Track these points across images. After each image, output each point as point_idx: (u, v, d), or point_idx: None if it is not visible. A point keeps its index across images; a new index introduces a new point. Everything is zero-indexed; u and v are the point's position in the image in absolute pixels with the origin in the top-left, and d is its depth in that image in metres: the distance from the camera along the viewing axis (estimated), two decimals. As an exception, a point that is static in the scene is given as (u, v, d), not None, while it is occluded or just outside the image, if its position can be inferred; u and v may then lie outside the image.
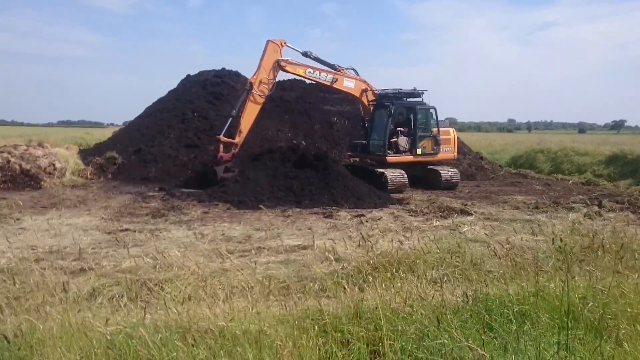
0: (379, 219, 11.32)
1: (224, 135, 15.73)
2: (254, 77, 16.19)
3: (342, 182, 14.02)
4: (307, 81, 23.69)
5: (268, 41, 16.24)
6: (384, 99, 17.59)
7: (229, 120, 16.20)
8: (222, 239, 9.17)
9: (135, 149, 20.95)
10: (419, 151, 17.12)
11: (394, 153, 16.99)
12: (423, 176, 17.53)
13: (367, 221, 10.99)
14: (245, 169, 15.22)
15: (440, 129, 17.29)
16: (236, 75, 26.79)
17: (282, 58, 16.33)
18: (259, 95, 16.21)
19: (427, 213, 12.14)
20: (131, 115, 31.20)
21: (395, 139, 17.04)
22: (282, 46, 16.45)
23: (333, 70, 17.23)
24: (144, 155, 20.54)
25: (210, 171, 15.53)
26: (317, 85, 25.20)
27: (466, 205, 13.28)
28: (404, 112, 17.57)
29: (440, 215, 11.78)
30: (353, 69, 17.80)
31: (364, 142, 17.98)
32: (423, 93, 17.67)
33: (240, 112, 16.09)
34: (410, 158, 17.13)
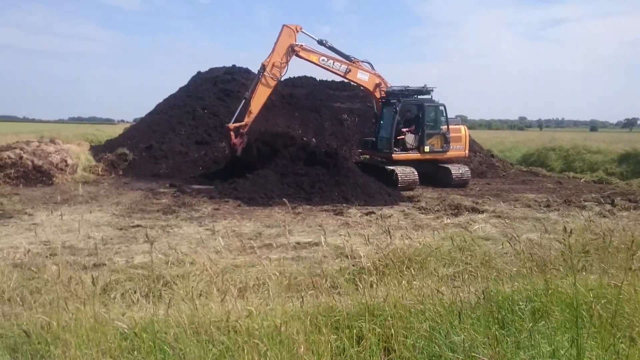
0: (389, 216, 11.31)
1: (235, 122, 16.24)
2: (267, 60, 16.35)
3: (353, 179, 14.02)
4: (318, 78, 23.95)
5: (284, 25, 16.38)
6: (390, 96, 17.56)
7: (241, 103, 16.65)
8: (232, 236, 9.21)
9: (146, 146, 21.07)
10: (426, 149, 17.13)
11: (400, 150, 16.98)
12: (434, 174, 17.50)
13: (377, 218, 10.99)
14: (256, 165, 15.28)
15: (451, 126, 17.24)
16: (246, 72, 26.85)
17: (297, 43, 16.40)
18: (271, 78, 16.42)
19: (437, 211, 12.12)
20: (142, 112, 31.46)
21: (403, 136, 17.04)
22: (298, 32, 16.52)
23: (348, 61, 17.15)
24: (154, 152, 20.66)
25: (238, 160, 15.98)
26: (328, 82, 25.39)
27: (477, 203, 13.24)
28: (412, 109, 17.58)
29: (451, 213, 11.76)
30: (369, 63, 17.75)
31: (373, 139, 18.04)
32: (432, 90, 17.55)
33: (252, 95, 16.44)
34: (417, 156, 17.11)
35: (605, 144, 24.85)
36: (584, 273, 5.16)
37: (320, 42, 16.89)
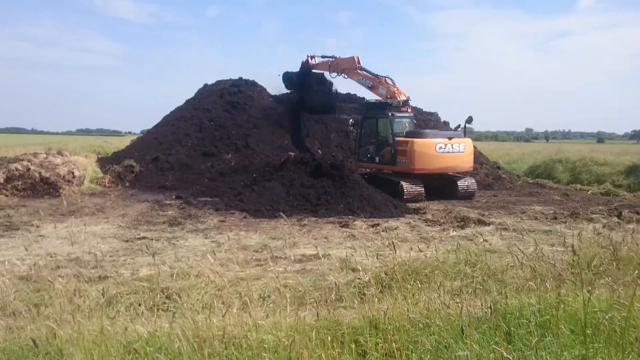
0: (395, 229, 11.26)
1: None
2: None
3: (358, 191, 13.99)
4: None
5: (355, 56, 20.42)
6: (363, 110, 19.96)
7: None
8: (238, 248, 9.19)
9: (153, 157, 21.14)
10: (376, 159, 18.14)
11: (362, 160, 18.97)
12: (440, 186, 17.45)
13: (383, 230, 10.95)
14: (261, 178, 15.31)
15: (454, 139, 16.99)
16: (253, 84, 26.96)
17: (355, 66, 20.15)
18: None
19: (443, 223, 12.06)
20: (149, 124, 31.52)
21: (367, 147, 18.70)
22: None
23: (373, 77, 19.44)
24: (161, 164, 20.72)
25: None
26: (334, 94, 25.53)
27: (483, 215, 13.17)
28: (372, 122, 18.68)
29: (457, 225, 11.69)
30: (390, 78, 19.16)
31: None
32: (398, 104, 18.00)
33: None
34: (371, 166, 18.66)
35: (613, 156, 24.72)
36: (592, 287, 5.10)
37: (361, 69, 20.04)
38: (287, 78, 24.51)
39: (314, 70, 23.43)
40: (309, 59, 23.18)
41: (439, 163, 16.58)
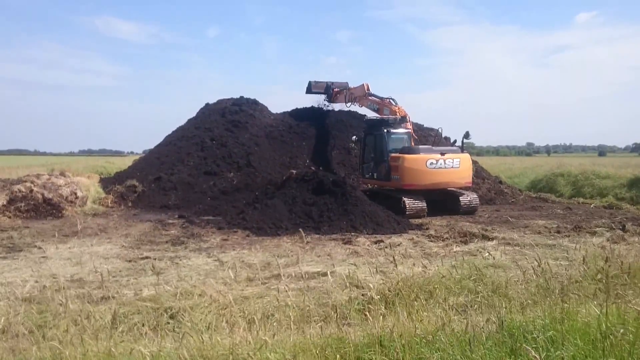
0: (398, 245, 11.24)
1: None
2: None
3: (361, 208, 13.98)
4: (326, 108, 24.83)
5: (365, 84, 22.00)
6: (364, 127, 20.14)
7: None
8: (241, 266, 9.16)
9: (155, 177, 21.17)
10: (374, 175, 18.48)
11: (364, 177, 19.34)
12: (442, 201, 17.43)
13: (386, 247, 10.92)
14: (263, 196, 15.32)
15: (447, 155, 16.96)
16: (254, 103, 27.13)
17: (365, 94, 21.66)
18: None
19: (447, 238, 12.03)
20: (151, 144, 31.73)
21: (368, 164, 19.04)
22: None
23: (379, 101, 20.72)
24: (163, 183, 20.74)
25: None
26: (335, 112, 25.80)
27: (486, 230, 13.13)
28: (371, 139, 18.97)
29: (460, 241, 11.66)
30: (392, 99, 20.21)
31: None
32: (389, 121, 18.51)
33: None
34: (373, 182, 18.96)
35: (614, 169, 24.68)
36: (602, 300, 5.07)
37: (370, 94, 21.40)
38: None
39: (331, 106, 26.20)
40: (334, 93, 25.13)
41: (429, 179, 16.58)
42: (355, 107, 23.82)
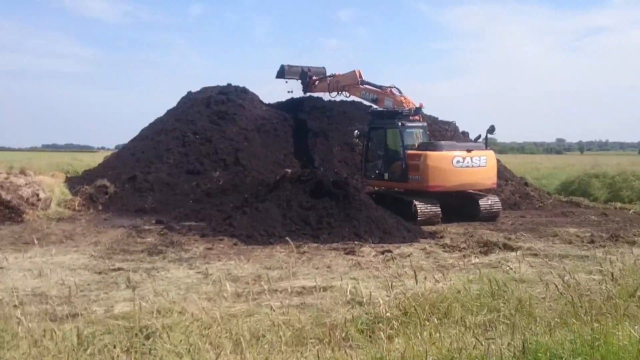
0: (408, 255, 11.27)
1: None
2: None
3: (366, 213, 13.99)
4: (326, 98, 24.84)
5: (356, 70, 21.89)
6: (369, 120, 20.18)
7: None
8: (228, 279, 9.16)
9: (130, 177, 21.17)
10: (385, 176, 18.20)
11: (369, 176, 19.21)
12: (459, 205, 17.45)
13: (394, 258, 10.93)
14: (254, 199, 15.36)
15: (474, 151, 17.01)
16: (243, 91, 27.13)
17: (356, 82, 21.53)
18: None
19: (464, 248, 12.06)
20: (125, 138, 31.72)
21: (375, 162, 18.92)
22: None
23: (378, 90, 20.50)
24: (139, 184, 20.74)
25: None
26: (337, 103, 25.77)
27: (509, 239, 13.17)
28: (380, 133, 18.89)
29: (480, 251, 11.69)
30: (396, 88, 19.90)
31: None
32: (402, 113, 18.25)
33: None
34: (380, 183, 18.90)
35: (657, 169, 24.72)
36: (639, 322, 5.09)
37: (363, 82, 21.36)
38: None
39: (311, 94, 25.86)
40: (312, 81, 25.08)
41: (456, 179, 16.60)
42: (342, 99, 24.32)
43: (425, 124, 18.82)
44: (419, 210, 15.98)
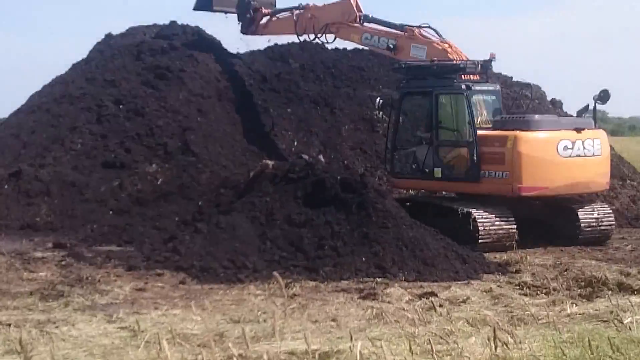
0: (463, 301, 11.29)
1: None
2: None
3: (395, 232, 13.96)
4: (330, 46, 24.85)
5: None
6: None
7: None
8: (170, 341, 9.15)
9: (12, 172, 21.08)
10: (437, 172, 17.74)
11: (400, 172, 18.81)
12: (544, 219, 17.42)
13: (441, 305, 10.92)
14: (214, 208, 15.33)
15: (585, 131, 16.89)
16: (195, 33, 27.00)
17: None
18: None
19: (554, 290, 12.04)
20: (4, 110, 31.55)
21: (412, 150, 18.58)
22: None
23: (397, 32, 20.11)
24: (26, 182, 20.63)
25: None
26: (346, 52, 25.72)
27: (628, 274, 13.16)
28: (423, 102, 18.67)
29: (580, 295, 11.70)
30: (430, 27, 19.58)
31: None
32: (465, 68, 17.93)
33: None
34: (424, 184, 18.73)
35: None
36: None
37: (367, 18, 21.00)
38: None
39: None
40: (259, 16, 24.78)
41: (564, 177, 16.55)
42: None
43: (498, 87, 18.68)
44: (480, 227, 15.94)
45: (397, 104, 18.98)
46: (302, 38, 23.20)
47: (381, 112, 20.12)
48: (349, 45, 24.42)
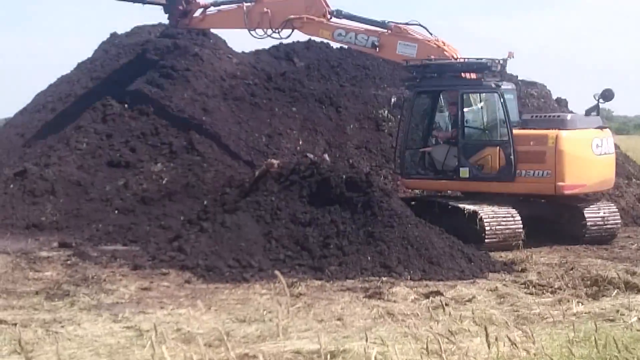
0: (469, 300, 11.29)
1: None
2: None
3: (400, 231, 13.96)
4: (335, 45, 24.57)
5: None
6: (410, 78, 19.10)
7: None
8: (176, 340, 9.14)
9: (17, 171, 21.10)
10: (464, 172, 17.52)
11: (413, 172, 18.55)
12: (549, 218, 17.40)
13: (447, 304, 10.90)
14: (219, 208, 15.33)
15: (605, 131, 17.00)
16: (202, 34, 26.99)
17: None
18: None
19: (560, 289, 12.04)
20: (10, 110, 31.59)
21: (428, 148, 18.43)
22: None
23: (377, 29, 19.14)
24: (31, 182, 20.64)
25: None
26: (352, 51, 25.63)
27: (634, 273, 13.16)
28: (442, 101, 18.61)
29: (586, 294, 11.68)
30: (419, 24, 19.08)
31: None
32: (491, 67, 17.68)
33: None
34: (447, 185, 18.48)
35: None
36: None
37: (339, 13, 20.16)
38: None
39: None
40: (193, 6, 23.52)
41: (598, 174, 16.98)
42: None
43: (514, 86, 18.64)
44: (486, 226, 15.92)
45: (410, 104, 18.74)
46: (253, 33, 21.74)
47: (396, 112, 19.60)
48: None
